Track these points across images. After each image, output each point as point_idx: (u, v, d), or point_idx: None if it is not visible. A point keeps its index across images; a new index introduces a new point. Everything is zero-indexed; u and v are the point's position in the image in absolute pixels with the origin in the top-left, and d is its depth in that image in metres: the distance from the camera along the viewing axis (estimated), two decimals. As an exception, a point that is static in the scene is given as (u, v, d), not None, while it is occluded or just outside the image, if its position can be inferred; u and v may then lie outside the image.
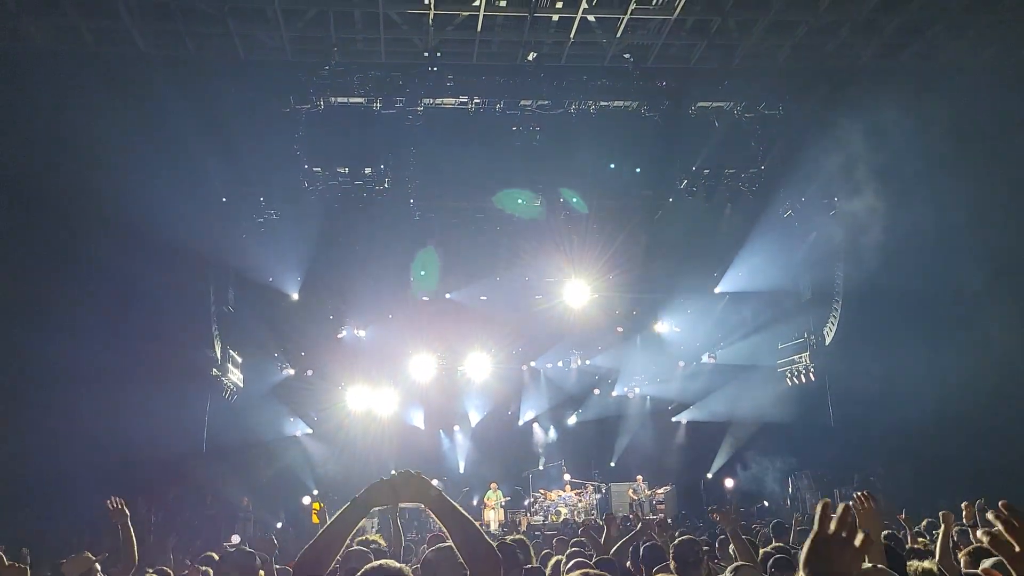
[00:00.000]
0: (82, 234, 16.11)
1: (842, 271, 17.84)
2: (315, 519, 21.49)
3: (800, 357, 19.72)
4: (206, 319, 17.47)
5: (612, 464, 26.13)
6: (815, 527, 1.66)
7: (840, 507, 1.70)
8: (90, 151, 15.90)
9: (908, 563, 4.10)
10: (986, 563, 2.08)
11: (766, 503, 21.74)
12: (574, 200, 18.64)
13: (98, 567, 5.59)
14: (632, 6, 14.93)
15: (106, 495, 5.57)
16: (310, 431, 24.37)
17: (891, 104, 15.57)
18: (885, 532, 5.66)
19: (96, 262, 16.29)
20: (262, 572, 5.82)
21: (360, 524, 3.08)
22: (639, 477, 22.78)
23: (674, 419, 26.67)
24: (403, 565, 2.97)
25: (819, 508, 1.72)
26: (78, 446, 15.49)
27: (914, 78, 16.74)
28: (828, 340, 18.57)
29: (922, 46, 16.94)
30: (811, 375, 19.39)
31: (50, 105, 15.76)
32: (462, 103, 16.87)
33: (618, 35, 16.07)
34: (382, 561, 2.92)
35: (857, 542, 1.61)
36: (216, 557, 6.95)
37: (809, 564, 1.63)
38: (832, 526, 1.64)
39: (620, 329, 25.56)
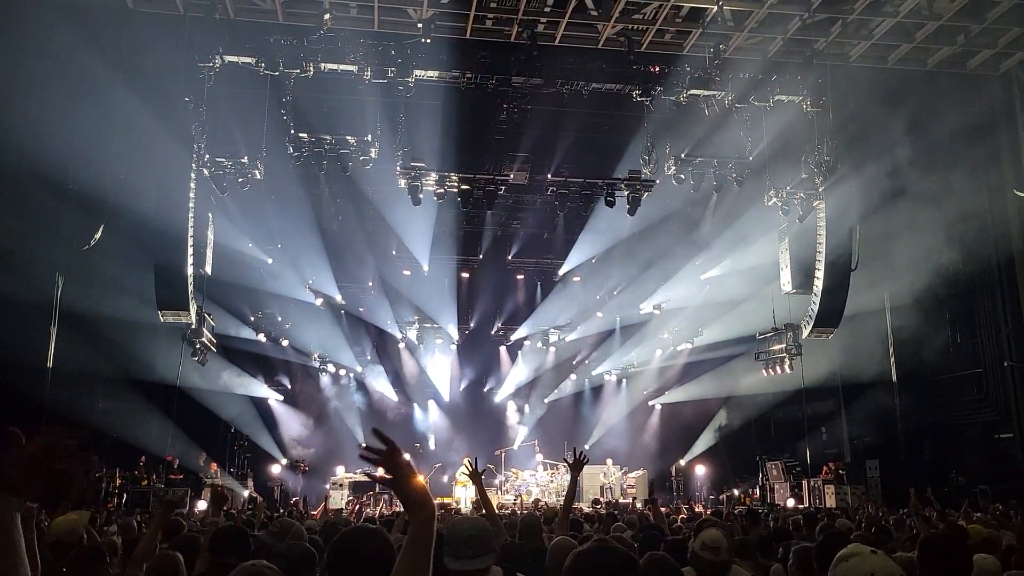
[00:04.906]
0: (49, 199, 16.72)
1: (823, 263, 18.94)
2: None
3: (777, 347, 20.82)
4: (182, 281, 18.22)
5: (587, 447, 27.28)
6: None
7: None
8: (69, 110, 16.70)
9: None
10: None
11: (736, 492, 23.14)
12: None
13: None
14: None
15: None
16: (280, 398, 25.43)
17: (877, 103, 16.78)
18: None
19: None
20: None
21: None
22: (609, 460, 24.03)
23: (650, 403, 28.01)
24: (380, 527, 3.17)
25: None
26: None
27: (900, 80, 17.99)
28: (806, 332, 19.69)
29: (911, 50, 18.18)
30: (787, 366, 20.49)
31: (29, 54, 16.48)
32: (454, 77, 17.74)
33: (613, 18, 17.14)
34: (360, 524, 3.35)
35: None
36: None
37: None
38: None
39: (600, 314, 26.77)
